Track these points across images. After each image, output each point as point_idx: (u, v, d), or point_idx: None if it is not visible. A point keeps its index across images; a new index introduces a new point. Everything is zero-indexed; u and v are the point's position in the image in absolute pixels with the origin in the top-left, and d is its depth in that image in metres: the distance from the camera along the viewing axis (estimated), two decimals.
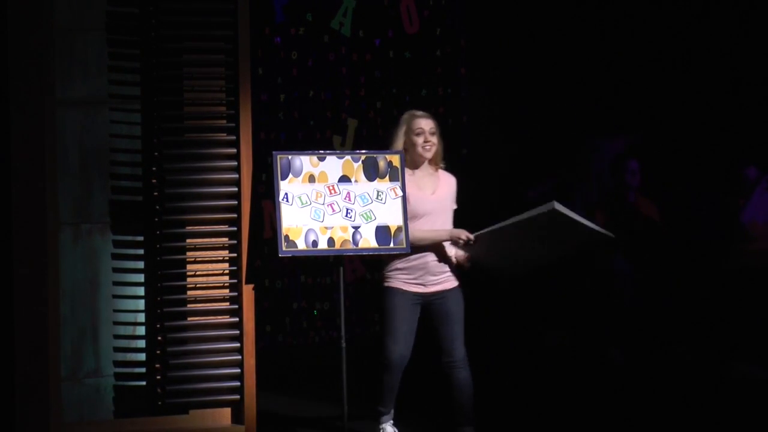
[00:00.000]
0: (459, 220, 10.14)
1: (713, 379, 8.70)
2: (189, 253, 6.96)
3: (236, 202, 6.98)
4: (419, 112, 7.12)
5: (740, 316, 9.01)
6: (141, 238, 6.98)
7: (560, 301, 10.23)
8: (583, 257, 9.78)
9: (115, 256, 6.95)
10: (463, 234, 6.84)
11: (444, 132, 10.32)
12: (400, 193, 6.95)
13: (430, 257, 6.89)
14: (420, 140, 6.96)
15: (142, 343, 6.99)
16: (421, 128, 6.98)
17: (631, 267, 9.39)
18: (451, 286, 6.92)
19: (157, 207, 6.93)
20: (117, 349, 6.97)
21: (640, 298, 9.42)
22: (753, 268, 8.95)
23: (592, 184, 10.37)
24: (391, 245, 6.94)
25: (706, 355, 9.20)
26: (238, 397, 7.00)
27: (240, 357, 6.98)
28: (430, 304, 6.89)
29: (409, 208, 6.87)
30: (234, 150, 6.98)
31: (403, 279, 6.90)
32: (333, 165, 6.91)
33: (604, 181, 10.15)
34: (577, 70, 10.57)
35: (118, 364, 6.98)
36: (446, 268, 6.93)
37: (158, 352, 6.94)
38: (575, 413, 7.84)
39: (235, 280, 6.99)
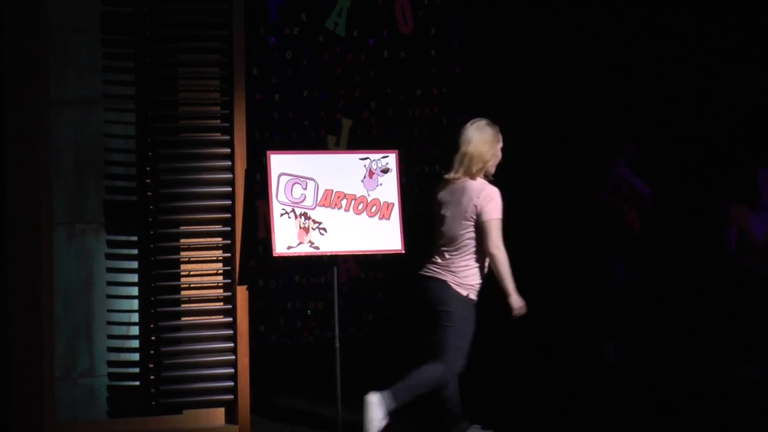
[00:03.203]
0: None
1: (708, 379, 8.70)
2: (183, 253, 6.97)
3: (230, 202, 6.98)
4: None
5: (736, 316, 9.01)
6: (135, 238, 6.98)
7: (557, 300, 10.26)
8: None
9: (109, 256, 6.95)
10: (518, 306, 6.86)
11: (440, 132, 10.47)
12: (395, 193, 6.96)
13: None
14: (499, 156, 6.96)
15: (136, 343, 6.99)
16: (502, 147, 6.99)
17: (629, 268, 9.39)
18: None
19: (152, 207, 6.93)
20: (111, 349, 6.97)
21: (634, 298, 9.41)
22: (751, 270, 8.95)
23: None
24: (386, 246, 6.95)
25: (701, 355, 9.20)
26: (231, 397, 7.00)
27: (234, 357, 6.99)
28: None
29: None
30: (228, 150, 6.98)
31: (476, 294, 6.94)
32: (327, 165, 6.92)
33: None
34: (572, 68, 10.58)
35: (112, 364, 6.98)
36: None
37: (152, 352, 6.95)
38: (568, 411, 7.84)
39: (229, 280, 6.99)
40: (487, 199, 6.75)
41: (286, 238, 6.85)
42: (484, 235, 6.72)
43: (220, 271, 7.00)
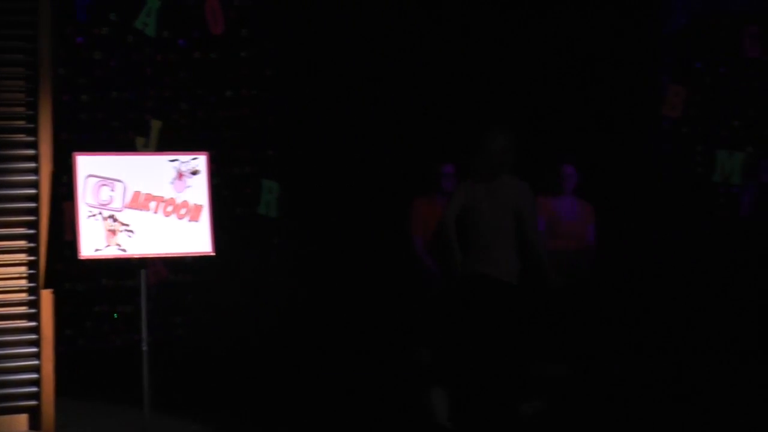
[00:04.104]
0: (274, 224, 10.17)
1: (517, 377, 8.88)
2: None
3: (35, 205, 6.87)
4: None
5: (543, 314, 9.21)
6: None
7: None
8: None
9: None
10: None
11: (250, 134, 10.46)
12: (205, 195, 6.94)
13: None
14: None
15: None
16: None
17: (437, 266, 9.51)
18: None
19: None
20: None
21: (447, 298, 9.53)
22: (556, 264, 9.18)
23: None
24: (195, 248, 6.93)
25: (509, 353, 9.37)
26: (35, 402, 6.90)
27: (38, 362, 6.88)
28: None
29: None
30: (33, 151, 6.87)
31: None
32: (136, 167, 6.87)
33: None
34: (382, 69, 10.66)
35: None
36: None
37: None
38: (383, 413, 7.93)
39: (34, 284, 6.89)
40: (525, 192, 7.58)
41: (93, 241, 6.77)
42: (525, 223, 7.48)
43: (25, 275, 6.88)
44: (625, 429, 7.65)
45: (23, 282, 6.88)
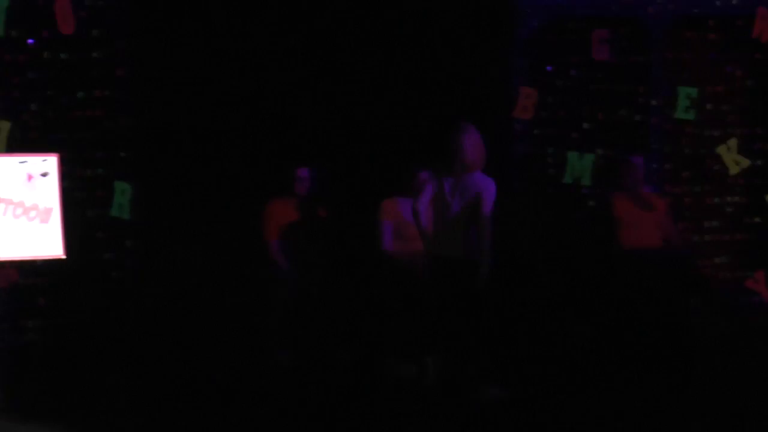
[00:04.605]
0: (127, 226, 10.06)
1: (368, 377, 8.93)
2: None
3: None
4: None
5: (393, 313, 9.27)
6: None
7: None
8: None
9: None
10: None
11: (102, 135, 10.35)
12: (55, 197, 6.85)
13: None
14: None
15: None
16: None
17: (294, 270, 9.51)
18: None
19: None
20: None
21: (303, 300, 9.54)
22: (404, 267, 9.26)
23: None
24: (46, 251, 6.83)
25: (360, 353, 9.42)
26: None
27: None
28: None
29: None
30: None
31: None
32: None
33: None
34: (237, 70, 10.63)
35: None
36: None
37: None
38: (242, 417, 7.91)
39: None
40: (487, 186, 8.21)
41: None
42: (480, 211, 8.11)
43: None
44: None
45: None
